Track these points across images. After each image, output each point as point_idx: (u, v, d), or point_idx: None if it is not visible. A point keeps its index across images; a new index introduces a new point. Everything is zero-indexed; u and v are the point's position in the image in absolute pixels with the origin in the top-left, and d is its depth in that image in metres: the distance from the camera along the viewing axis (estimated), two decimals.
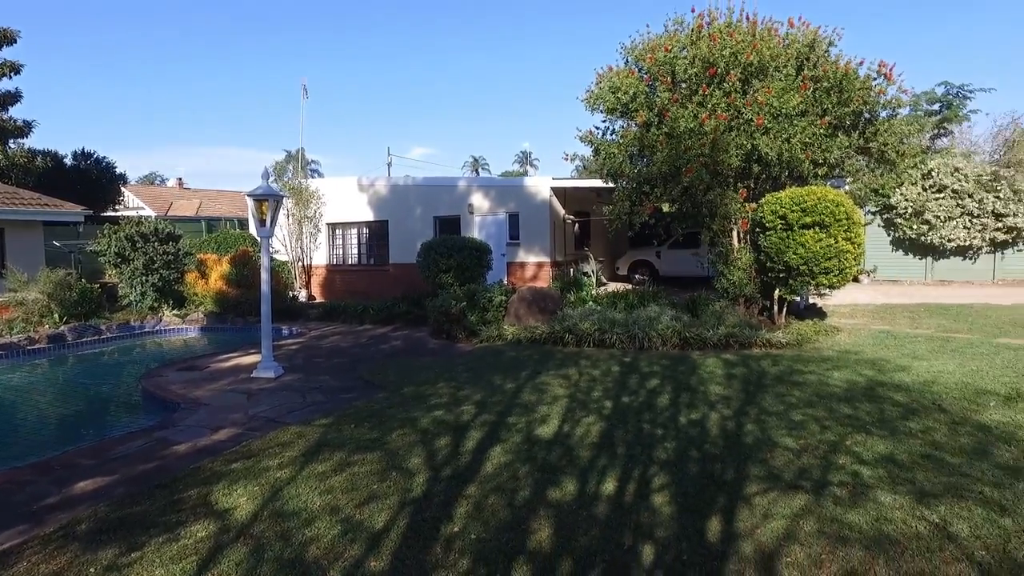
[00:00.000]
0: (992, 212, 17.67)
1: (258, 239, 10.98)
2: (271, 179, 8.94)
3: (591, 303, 12.05)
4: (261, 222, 8.74)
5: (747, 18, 12.03)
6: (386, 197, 19.35)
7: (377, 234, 19.62)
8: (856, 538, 3.74)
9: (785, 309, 10.74)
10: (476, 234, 17.72)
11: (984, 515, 3.93)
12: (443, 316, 11.44)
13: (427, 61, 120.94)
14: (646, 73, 12.01)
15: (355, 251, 20.12)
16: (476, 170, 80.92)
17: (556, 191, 17.98)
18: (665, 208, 11.81)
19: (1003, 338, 9.46)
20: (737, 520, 4.00)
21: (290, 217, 18.64)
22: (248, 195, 8.95)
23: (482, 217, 18.33)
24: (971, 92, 28.91)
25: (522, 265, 17.85)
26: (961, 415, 5.83)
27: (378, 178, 20.70)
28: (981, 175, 18.08)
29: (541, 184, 17.85)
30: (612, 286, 17.40)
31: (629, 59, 12.52)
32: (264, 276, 8.79)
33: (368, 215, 19.42)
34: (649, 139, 11.36)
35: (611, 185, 12.96)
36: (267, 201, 8.70)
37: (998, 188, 17.67)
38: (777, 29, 11.99)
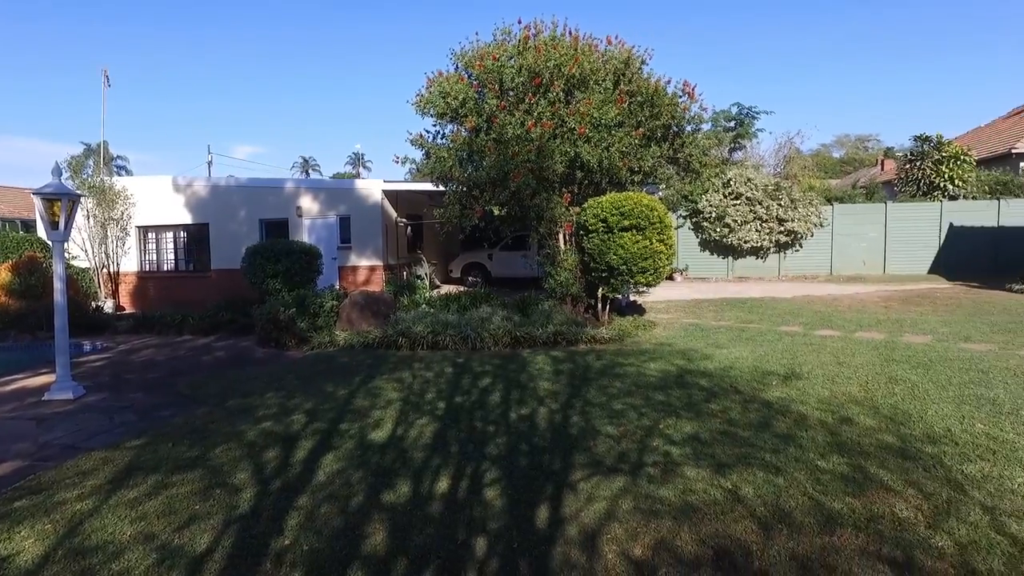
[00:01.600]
0: (776, 217, 20.20)
1: (50, 243, 9.73)
2: (65, 176, 8.00)
3: (425, 306, 12.10)
4: (53, 224, 7.77)
5: (570, 33, 12.76)
6: (206, 198, 18.01)
7: (196, 238, 18.21)
8: (666, 510, 4.13)
9: (608, 307, 11.50)
10: (306, 238, 17.07)
11: (764, 477, 4.52)
12: (271, 323, 10.90)
13: (255, 57, 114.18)
14: (475, 80, 12.31)
15: (171, 256, 18.51)
16: (306, 171, 77.71)
17: (388, 194, 17.82)
18: (495, 212, 12.18)
19: (784, 326, 10.88)
20: (564, 506, 4.25)
21: (91, 219, 16.71)
22: (35, 194, 7.90)
23: (312, 220, 17.70)
24: (757, 113, 32.83)
25: (354, 269, 17.47)
26: (751, 394, 6.64)
27: (197, 178, 19.22)
28: (767, 185, 20.60)
29: (373, 187, 17.60)
30: (446, 288, 17.59)
31: (459, 65, 12.76)
32: (58, 285, 7.83)
33: (186, 218, 17.95)
34: (478, 144, 11.66)
35: (442, 188, 13.12)
36: (60, 201, 7.75)
37: (780, 196, 20.23)
38: (597, 45, 12.84)
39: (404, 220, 19.14)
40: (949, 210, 20.45)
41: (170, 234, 18.37)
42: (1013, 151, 24.08)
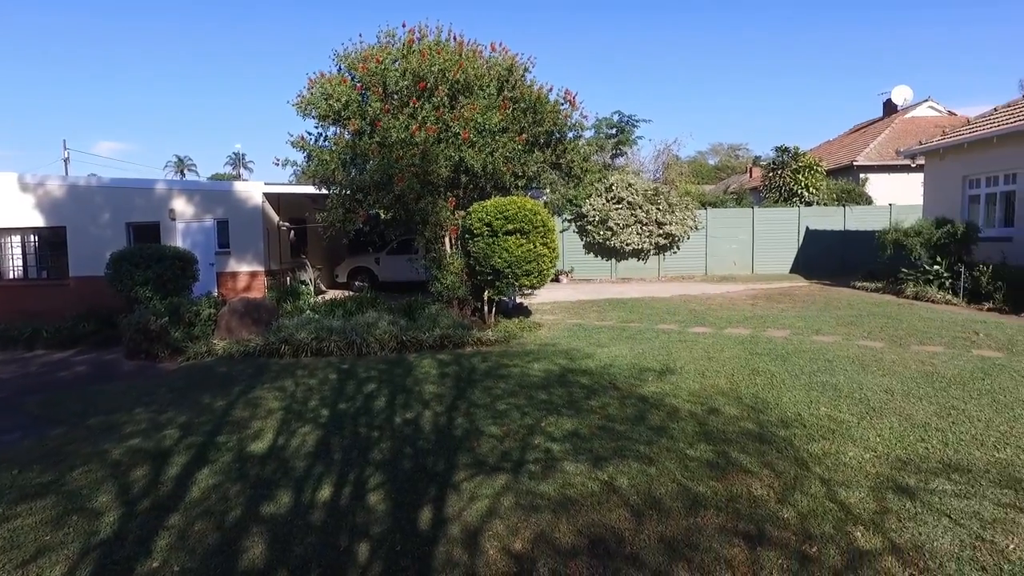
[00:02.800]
0: (656, 221, 21.26)
1: None
2: None
3: (309, 312, 11.78)
4: None
5: (455, 39, 12.86)
6: (63, 199, 16.55)
7: (51, 243, 16.69)
8: (546, 505, 4.29)
9: (495, 309, 11.69)
10: (180, 242, 16.10)
11: (638, 468, 4.81)
12: (140, 334, 10.21)
13: (120, 45, 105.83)
14: (359, 82, 12.14)
15: (20, 263, 16.86)
16: (181, 171, 73.14)
17: (270, 196, 17.15)
18: (381, 215, 12.06)
19: (661, 324, 11.51)
20: (447, 506, 4.32)
21: None
22: None
23: (186, 224, 16.72)
24: (637, 121, 34.38)
25: (234, 275, 16.68)
26: (628, 390, 6.99)
27: (50, 176, 17.59)
28: (647, 190, 21.64)
29: (253, 189, 16.88)
30: (331, 294, 17.18)
31: (342, 66, 12.54)
32: None
33: (37, 220, 16.41)
34: (362, 147, 11.51)
35: (325, 192, 12.83)
36: None
37: (659, 201, 21.32)
38: (481, 52, 13.02)
39: (287, 224, 18.48)
40: (805, 215, 22.33)
41: (17, 238, 16.72)
42: (854, 163, 26.67)
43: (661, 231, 21.35)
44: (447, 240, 12.33)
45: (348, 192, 12.08)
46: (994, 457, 4.85)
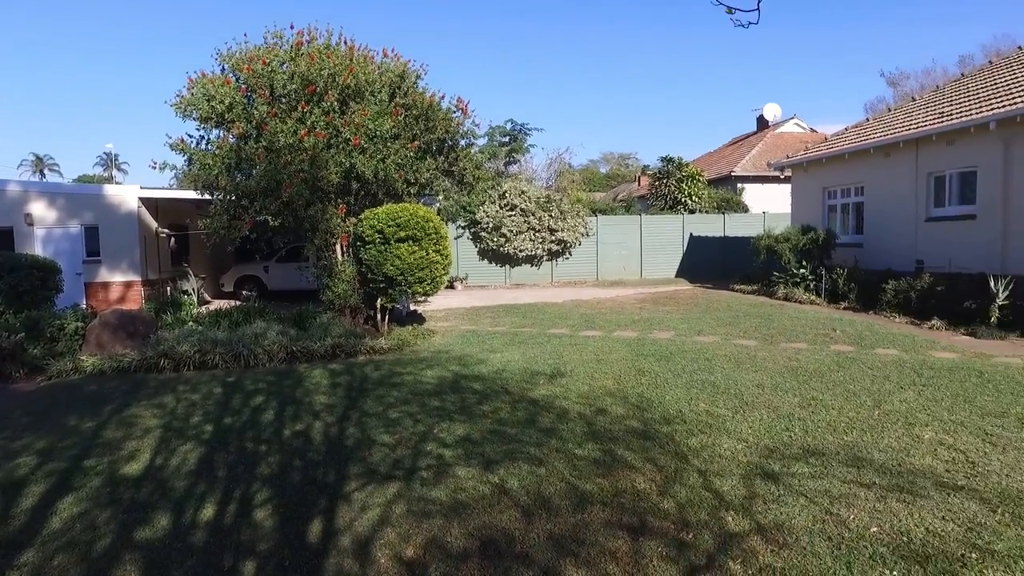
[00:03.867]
0: (548, 228, 21.80)
1: None
2: None
3: (192, 323, 11.17)
4: None
5: (345, 43, 12.65)
6: None
7: None
8: (438, 510, 4.32)
9: (388, 317, 11.57)
10: (40, 250, 14.80)
11: (528, 469, 4.93)
12: None
13: None
14: (244, 83, 11.69)
15: None
16: (40, 171, 67.07)
17: (147, 201, 16.13)
18: (270, 222, 11.65)
19: (553, 329, 11.83)
20: (337, 517, 4.26)
21: None
22: None
23: (48, 230, 15.40)
24: (530, 130, 35.14)
25: (106, 286, 15.53)
26: (520, 394, 7.15)
27: None
28: (539, 197, 22.15)
29: (127, 193, 15.82)
30: (217, 304, 16.35)
31: (226, 67, 12.02)
32: None
33: None
34: (247, 151, 11.07)
35: (208, 197, 12.24)
36: None
37: (551, 208, 21.87)
38: (373, 57, 12.88)
39: (166, 231, 17.42)
40: (689, 222, 23.64)
41: None
42: (732, 173, 28.56)
43: (553, 238, 21.90)
44: (338, 248, 12.08)
45: (233, 198, 11.58)
46: (843, 440, 5.37)
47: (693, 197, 25.65)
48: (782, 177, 22.91)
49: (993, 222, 12.84)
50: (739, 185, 28.19)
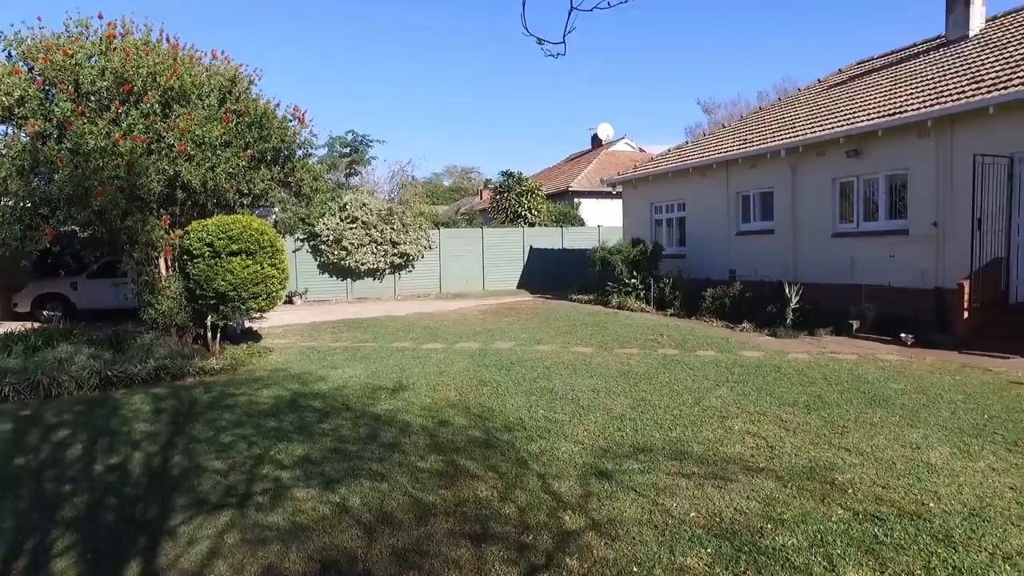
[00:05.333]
0: (390, 240, 21.56)
1: None
2: None
3: None
4: None
5: (167, 40, 11.72)
6: None
7: None
8: (275, 536, 4.12)
9: (220, 335, 10.82)
10: None
11: (370, 486, 4.85)
12: None
13: None
14: (39, 75, 10.41)
15: None
16: None
17: None
18: (79, 233, 10.44)
19: (396, 343, 11.71)
20: (160, 555, 3.91)
21: None
22: None
23: None
24: (372, 141, 34.67)
25: None
26: (362, 410, 7.00)
27: None
28: (381, 210, 21.86)
29: None
30: (9, 326, 14.35)
31: (14, 54, 10.63)
32: None
33: None
34: (47, 154, 9.83)
35: None
36: None
37: (393, 221, 21.67)
38: (200, 58, 12.04)
39: None
40: (529, 235, 24.49)
41: None
42: (570, 189, 30.07)
43: (396, 251, 21.71)
44: (162, 262, 11.10)
45: (29, 205, 10.22)
46: (669, 436, 5.85)
47: (533, 211, 26.66)
48: (614, 193, 24.48)
49: (786, 236, 14.64)
50: (576, 200, 29.72)
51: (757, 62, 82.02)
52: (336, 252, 21.01)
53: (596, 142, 36.89)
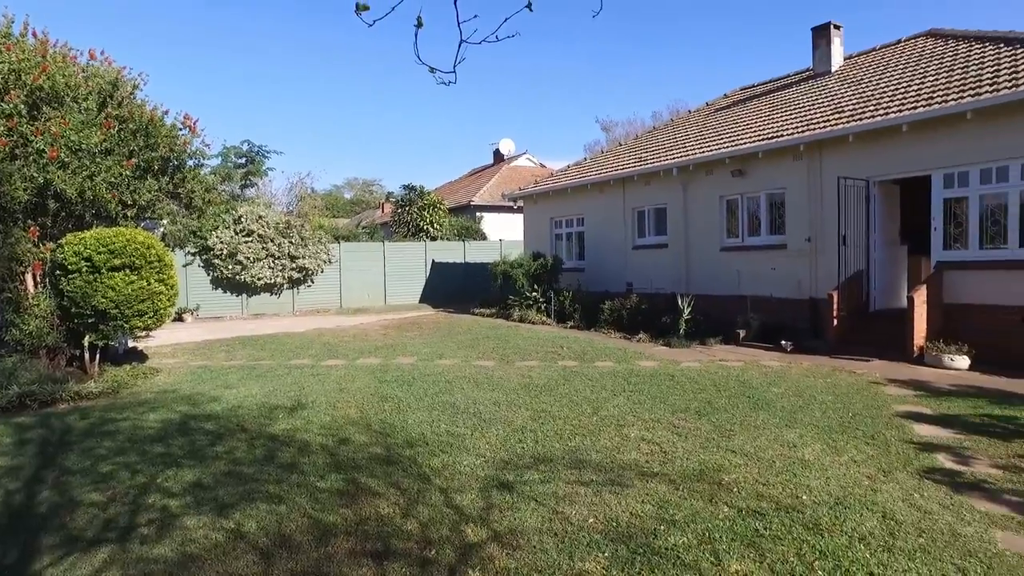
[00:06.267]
0: (288, 255, 20.89)
1: None
2: None
3: None
4: None
5: (35, 35, 10.89)
6: None
7: None
8: (160, 569, 3.89)
9: (99, 356, 10.09)
10: None
11: (267, 509, 4.68)
12: None
13: None
14: None
15: None
16: None
17: None
18: None
19: (295, 360, 11.34)
20: None
21: None
22: None
23: None
24: (268, 152, 33.51)
25: None
26: (258, 430, 6.74)
27: None
28: (279, 223, 21.15)
29: None
30: None
31: None
32: None
33: None
34: None
35: None
36: None
37: (291, 234, 21.02)
38: (75, 58, 11.27)
39: None
40: (432, 249, 24.42)
41: None
42: (472, 203, 30.27)
43: (294, 265, 21.06)
44: (30, 278, 10.23)
45: None
46: (568, 446, 6.01)
47: (435, 224, 26.63)
48: (516, 207, 24.88)
49: (679, 250, 15.40)
50: (478, 214, 29.94)
51: (651, 84, 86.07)
52: (231, 267, 20.11)
53: (498, 157, 37.38)
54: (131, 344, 12.13)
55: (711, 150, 14.56)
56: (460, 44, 2.79)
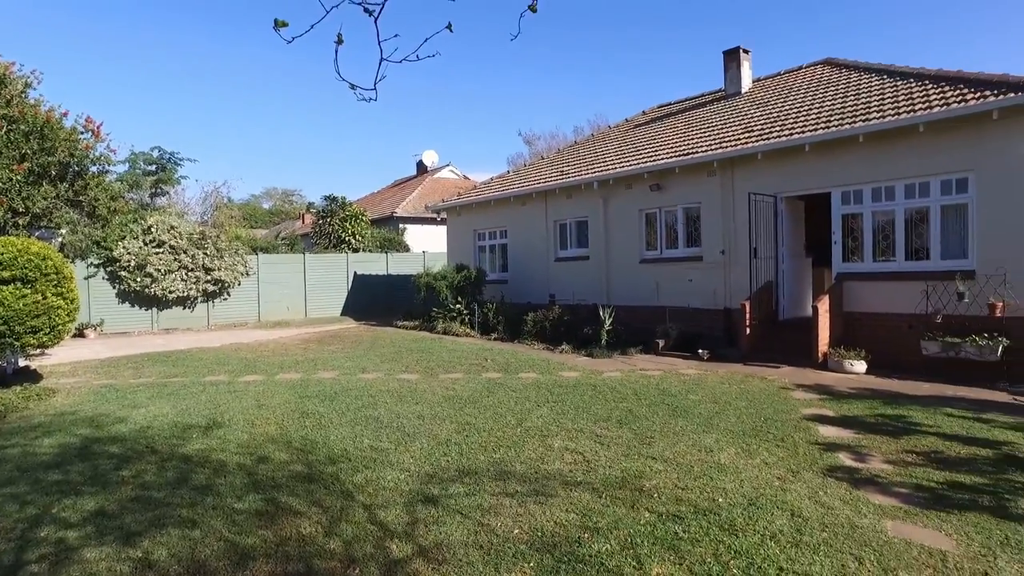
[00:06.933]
0: (203, 266, 20.00)
1: None
2: None
3: None
4: None
5: None
6: None
7: None
8: None
9: None
10: None
11: (180, 534, 4.45)
12: None
13: None
14: None
15: None
16: None
17: None
18: None
19: (210, 376, 10.86)
20: None
21: None
22: None
23: None
24: (181, 160, 32.05)
25: None
26: (170, 452, 6.40)
27: None
28: (192, 233, 20.23)
29: None
30: None
31: None
32: None
33: None
34: None
35: None
36: None
37: (206, 245, 20.14)
38: None
39: None
40: (354, 261, 23.96)
41: None
42: (395, 214, 29.96)
43: (209, 277, 20.20)
44: None
45: None
46: (493, 457, 6.02)
47: (357, 236, 26.18)
48: (439, 219, 24.81)
49: (600, 262, 15.76)
50: (401, 225, 29.65)
51: (572, 98, 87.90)
52: (139, 279, 19.04)
53: (422, 168, 37.21)
54: (23, 363, 11.29)
55: (631, 165, 15.01)
56: (380, 62, 2.79)
